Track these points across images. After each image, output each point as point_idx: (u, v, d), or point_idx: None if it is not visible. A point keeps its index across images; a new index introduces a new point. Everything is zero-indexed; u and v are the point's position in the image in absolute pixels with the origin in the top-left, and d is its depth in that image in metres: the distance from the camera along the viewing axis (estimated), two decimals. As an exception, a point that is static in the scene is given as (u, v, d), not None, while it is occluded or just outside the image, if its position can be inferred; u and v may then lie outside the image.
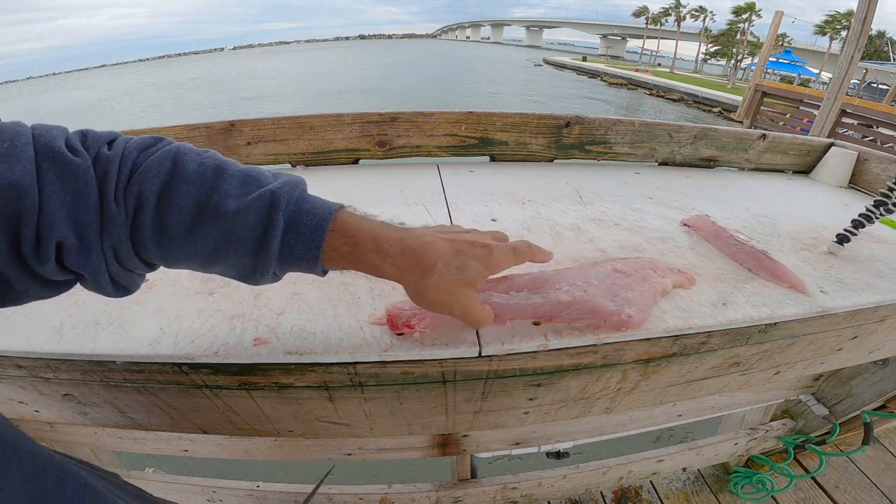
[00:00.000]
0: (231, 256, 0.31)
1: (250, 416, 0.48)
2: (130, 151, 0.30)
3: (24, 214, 0.25)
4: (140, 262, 0.32)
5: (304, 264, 0.33)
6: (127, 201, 0.29)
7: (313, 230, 0.32)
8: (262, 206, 0.31)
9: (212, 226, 0.30)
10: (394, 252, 0.34)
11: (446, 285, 0.35)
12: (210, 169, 0.31)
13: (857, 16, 1.59)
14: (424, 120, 0.91)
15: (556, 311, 0.44)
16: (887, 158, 0.96)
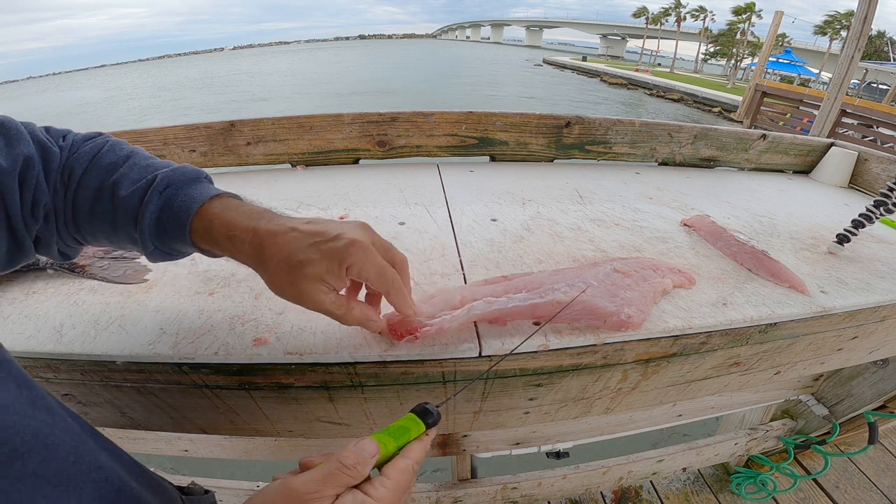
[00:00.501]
0: (122, 231, 0.36)
1: (250, 416, 0.48)
2: (77, 142, 0.38)
3: (29, 181, 0.33)
4: (69, 235, 0.37)
5: (178, 242, 0.36)
6: (63, 180, 0.36)
7: (183, 210, 0.35)
8: (144, 185, 0.36)
9: (108, 204, 0.35)
10: (243, 239, 0.34)
11: (286, 277, 0.33)
12: (122, 158, 0.37)
13: (857, 16, 1.58)
14: (424, 120, 0.91)
15: (556, 311, 0.44)
16: (887, 158, 0.96)
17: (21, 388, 0.25)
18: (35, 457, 0.22)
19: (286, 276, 0.33)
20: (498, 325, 0.44)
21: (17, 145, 0.32)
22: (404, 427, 0.32)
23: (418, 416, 0.33)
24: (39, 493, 0.22)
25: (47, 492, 0.22)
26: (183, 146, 0.83)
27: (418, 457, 0.31)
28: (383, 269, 0.35)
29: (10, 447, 0.21)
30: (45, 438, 0.24)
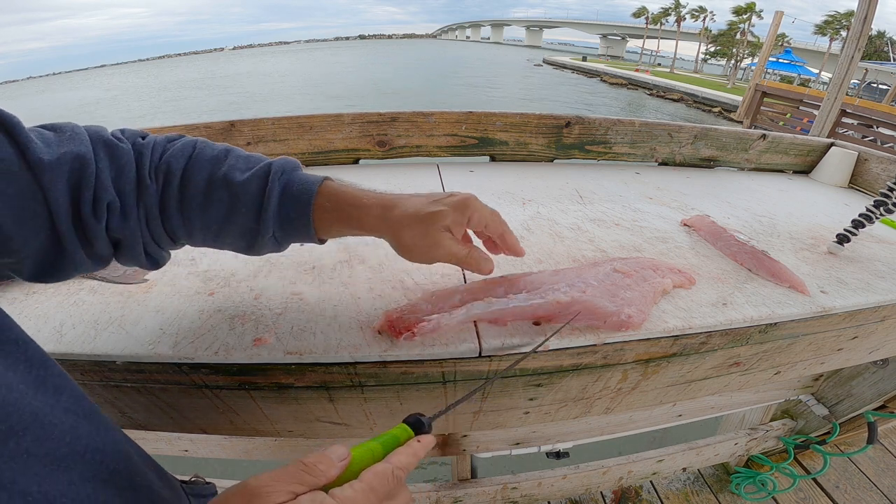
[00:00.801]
0: (239, 220, 0.37)
1: (250, 416, 0.48)
2: (160, 141, 0.38)
3: (86, 179, 0.32)
4: (165, 233, 0.38)
5: (299, 226, 0.38)
6: (158, 177, 0.36)
7: (303, 192, 0.37)
8: (261, 174, 0.37)
9: (223, 192, 0.37)
10: (370, 204, 0.38)
11: (421, 229, 0.38)
12: (222, 151, 0.39)
13: (857, 16, 1.58)
14: (424, 120, 0.91)
15: (556, 311, 0.44)
16: (887, 158, 0.96)
17: (32, 368, 0.26)
18: (30, 435, 0.23)
19: (421, 229, 0.38)
20: (498, 326, 0.44)
21: (69, 144, 0.32)
22: (394, 435, 0.32)
23: (410, 426, 0.32)
24: (31, 471, 0.22)
25: (38, 469, 0.23)
26: (183, 146, 0.83)
27: (403, 462, 0.29)
28: (496, 215, 0.42)
29: (8, 425, 0.22)
30: (43, 418, 0.24)
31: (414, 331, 0.40)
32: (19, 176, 0.29)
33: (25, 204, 0.29)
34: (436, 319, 0.41)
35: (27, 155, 0.29)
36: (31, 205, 0.30)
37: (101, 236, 0.34)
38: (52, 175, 0.30)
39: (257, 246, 0.39)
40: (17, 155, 0.29)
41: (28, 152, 0.29)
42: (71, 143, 0.32)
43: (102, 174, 0.33)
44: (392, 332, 0.41)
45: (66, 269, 0.35)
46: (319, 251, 0.58)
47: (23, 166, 0.29)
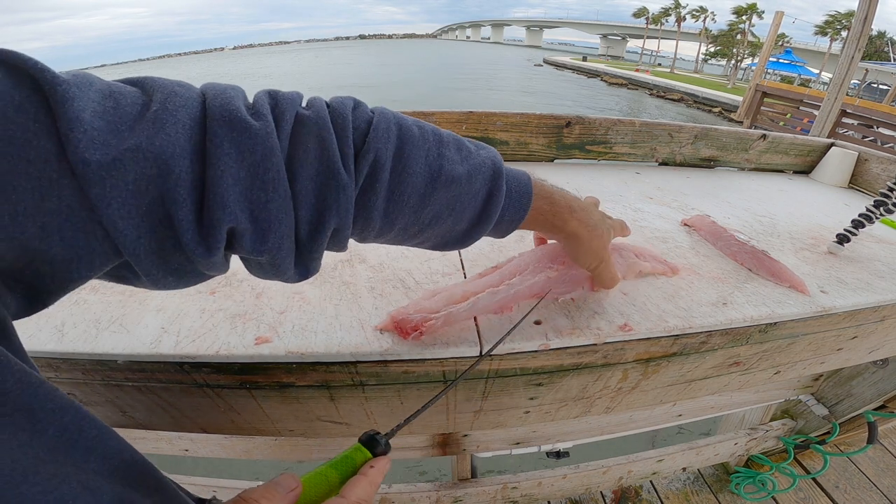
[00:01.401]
0: (449, 222, 0.32)
1: (251, 416, 0.48)
2: (344, 113, 0.26)
3: (169, 194, 0.20)
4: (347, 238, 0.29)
5: (503, 228, 0.36)
6: (359, 169, 0.26)
7: (522, 195, 0.34)
8: (487, 173, 0.32)
9: (444, 191, 0.29)
10: (578, 207, 0.39)
11: (602, 242, 0.42)
12: (429, 133, 0.30)
13: (857, 16, 1.59)
14: (424, 120, 0.91)
15: (549, 286, 0.47)
16: (887, 158, 0.96)
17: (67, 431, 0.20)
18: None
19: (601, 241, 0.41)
20: (505, 314, 0.46)
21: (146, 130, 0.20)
22: (349, 457, 0.30)
23: (365, 445, 0.31)
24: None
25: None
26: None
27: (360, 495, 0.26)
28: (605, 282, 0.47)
29: None
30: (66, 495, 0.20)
31: (422, 329, 0.41)
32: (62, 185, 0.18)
33: (79, 225, 0.19)
34: (443, 314, 0.42)
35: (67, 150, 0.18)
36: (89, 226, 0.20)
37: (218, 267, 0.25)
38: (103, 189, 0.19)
39: (454, 246, 0.35)
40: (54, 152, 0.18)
41: (69, 145, 0.18)
42: (151, 127, 0.20)
43: (221, 180, 0.21)
44: (400, 333, 0.41)
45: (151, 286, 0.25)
46: (320, 251, 0.58)
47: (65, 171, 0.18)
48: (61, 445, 0.19)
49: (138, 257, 0.21)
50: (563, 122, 0.96)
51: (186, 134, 0.21)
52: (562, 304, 0.49)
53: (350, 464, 0.29)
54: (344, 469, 0.29)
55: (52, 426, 0.19)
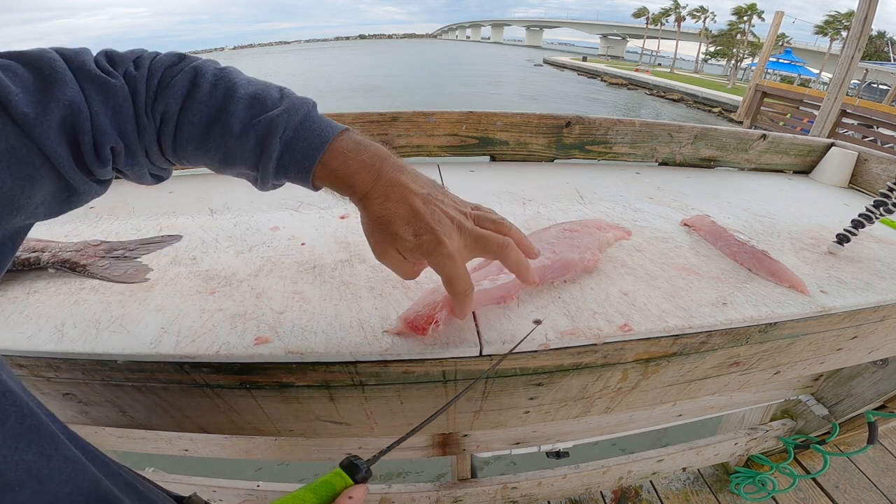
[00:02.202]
0: (237, 167, 0.37)
1: (251, 416, 0.48)
2: (156, 69, 0.34)
3: (81, 126, 0.30)
4: (165, 161, 0.37)
5: (296, 181, 0.37)
6: (154, 116, 0.34)
7: (305, 158, 0.35)
8: (260, 131, 0.35)
9: (219, 141, 0.35)
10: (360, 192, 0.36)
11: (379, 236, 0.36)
12: (222, 91, 0.35)
13: (857, 16, 1.59)
14: (425, 120, 0.91)
15: (541, 274, 0.50)
16: (887, 158, 0.96)
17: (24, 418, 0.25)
18: (26, 490, 0.23)
19: (378, 234, 0.36)
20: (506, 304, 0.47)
21: (52, 89, 0.28)
22: (328, 482, 0.30)
23: (345, 470, 0.31)
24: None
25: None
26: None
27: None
28: (454, 279, 0.37)
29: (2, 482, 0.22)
30: (39, 472, 0.24)
31: (437, 319, 0.41)
32: (5, 132, 0.26)
33: (22, 159, 0.27)
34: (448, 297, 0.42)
35: (9, 109, 0.26)
36: (28, 159, 0.28)
37: (109, 174, 0.34)
38: (43, 129, 0.28)
39: (259, 188, 0.39)
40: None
41: (10, 106, 0.26)
42: (55, 87, 0.29)
43: (98, 118, 0.31)
44: (416, 331, 0.41)
45: (79, 203, 0.34)
46: (321, 251, 0.58)
47: (7, 121, 0.26)
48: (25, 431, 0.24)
49: (69, 171, 0.30)
50: (563, 122, 0.96)
51: (76, 87, 0.30)
52: (562, 304, 0.49)
53: (329, 489, 0.29)
54: (322, 494, 0.29)
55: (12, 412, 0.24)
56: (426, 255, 0.35)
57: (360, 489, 0.30)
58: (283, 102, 0.36)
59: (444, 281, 0.37)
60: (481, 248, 0.38)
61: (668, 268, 0.58)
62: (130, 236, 0.61)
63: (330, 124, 0.36)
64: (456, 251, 0.36)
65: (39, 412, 0.26)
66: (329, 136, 0.35)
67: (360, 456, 0.32)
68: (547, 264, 0.51)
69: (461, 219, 0.37)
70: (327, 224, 0.66)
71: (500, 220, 0.40)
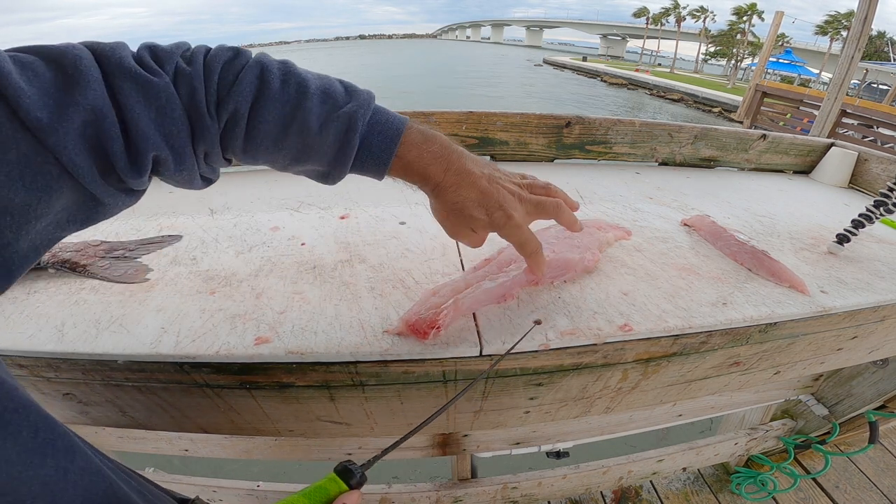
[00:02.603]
0: (309, 164, 0.36)
1: (251, 416, 0.48)
2: (213, 66, 0.32)
3: (106, 133, 0.27)
4: (225, 161, 0.36)
5: (371, 173, 0.38)
6: (221, 115, 0.32)
7: (383, 149, 0.36)
8: (340, 127, 0.35)
9: (296, 139, 0.34)
10: (433, 181, 0.38)
11: (453, 218, 0.40)
12: (293, 86, 0.34)
13: (857, 16, 1.59)
14: (425, 120, 0.91)
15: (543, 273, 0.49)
16: (887, 158, 0.96)
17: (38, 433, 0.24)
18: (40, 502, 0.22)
19: (453, 218, 0.40)
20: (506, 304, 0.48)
21: (74, 91, 0.25)
22: (322, 488, 0.30)
23: (339, 475, 0.31)
24: None
25: None
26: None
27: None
28: (525, 242, 0.41)
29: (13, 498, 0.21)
30: (54, 486, 0.23)
31: (439, 324, 0.41)
32: (18, 139, 0.23)
33: (36, 169, 0.24)
34: (451, 302, 0.42)
35: (20, 113, 0.23)
36: (44, 168, 0.25)
37: (144, 184, 0.31)
38: (59, 137, 0.25)
39: (324, 181, 0.39)
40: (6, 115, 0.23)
41: (21, 110, 0.23)
42: (77, 89, 0.26)
43: (140, 121, 0.28)
44: (419, 336, 0.41)
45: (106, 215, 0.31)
46: (321, 251, 0.58)
47: (18, 127, 0.23)
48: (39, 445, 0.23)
49: (91, 183, 0.27)
50: (563, 122, 0.96)
51: (102, 88, 0.27)
52: (562, 304, 0.49)
53: (323, 494, 0.29)
54: (317, 499, 0.29)
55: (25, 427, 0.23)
56: (498, 229, 0.40)
57: (353, 495, 0.30)
58: (353, 97, 0.36)
59: (517, 246, 0.42)
60: (540, 211, 0.42)
61: (668, 268, 0.58)
62: (130, 236, 0.61)
63: (396, 117, 0.37)
64: (522, 220, 0.40)
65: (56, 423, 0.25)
66: (401, 129, 0.37)
67: (354, 462, 0.32)
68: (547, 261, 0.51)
69: (519, 191, 0.41)
70: (327, 224, 0.66)
71: (546, 184, 0.44)
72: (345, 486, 0.30)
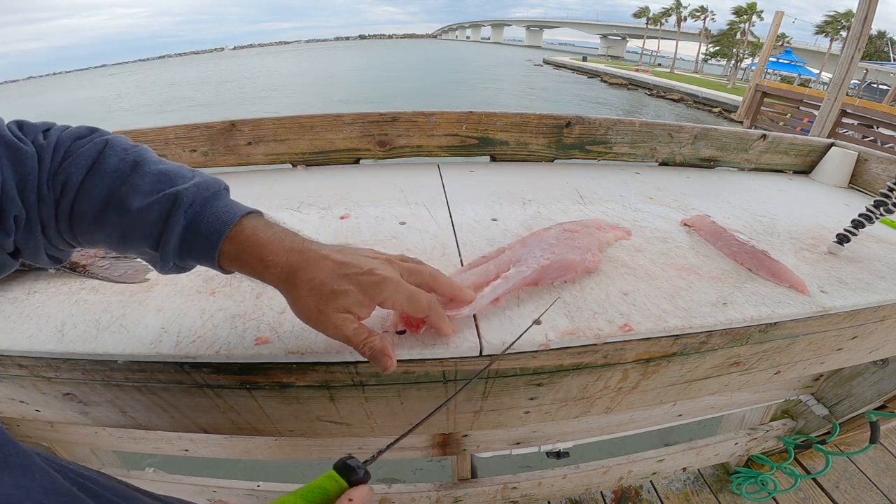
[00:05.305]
0: (136, 245, 0.34)
1: (251, 416, 0.48)
2: (64, 140, 0.34)
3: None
4: (63, 241, 0.35)
5: (203, 262, 0.35)
6: (55, 187, 0.32)
7: (211, 233, 0.34)
8: (163, 206, 0.33)
9: (117, 217, 0.33)
10: (275, 264, 0.34)
11: (315, 304, 0.34)
12: (129, 164, 0.34)
13: (857, 16, 1.59)
14: (425, 120, 0.91)
15: (542, 275, 0.51)
16: (887, 158, 0.96)
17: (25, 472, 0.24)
18: None
19: (315, 303, 0.34)
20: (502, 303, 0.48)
21: None
22: (320, 486, 0.28)
23: (339, 472, 0.29)
24: None
25: None
26: (184, 146, 0.83)
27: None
28: (415, 298, 0.36)
29: None
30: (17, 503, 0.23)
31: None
32: None
33: None
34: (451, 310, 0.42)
35: None
36: None
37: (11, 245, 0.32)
38: None
39: (158, 269, 0.36)
40: None
41: None
42: None
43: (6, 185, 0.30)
44: (409, 327, 0.42)
45: None
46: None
47: None
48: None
49: None
50: (563, 122, 0.96)
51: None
52: (562, 304, 0.49)
53: (322, 494, 0.27)
54: (315, 499, 0.27)
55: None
56: (373, 296, 0.34)
57: (361, 490, 0.29)
58: (194, 179, 0.35)
59: (408, 309, 0.36)
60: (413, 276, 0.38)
61: (668, 268, 0.58)
62: (130, 236, 0.61)
63: (240, 205, 0.35)
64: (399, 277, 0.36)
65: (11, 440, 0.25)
66: (238, 212, 0.34)
67: (355, 457, 0.31)
68: (546, 264, 0.51)
69: (383, 255, 0.38)
70: (327, 224, 0.66)
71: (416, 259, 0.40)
72: (345, 484, 0.29)
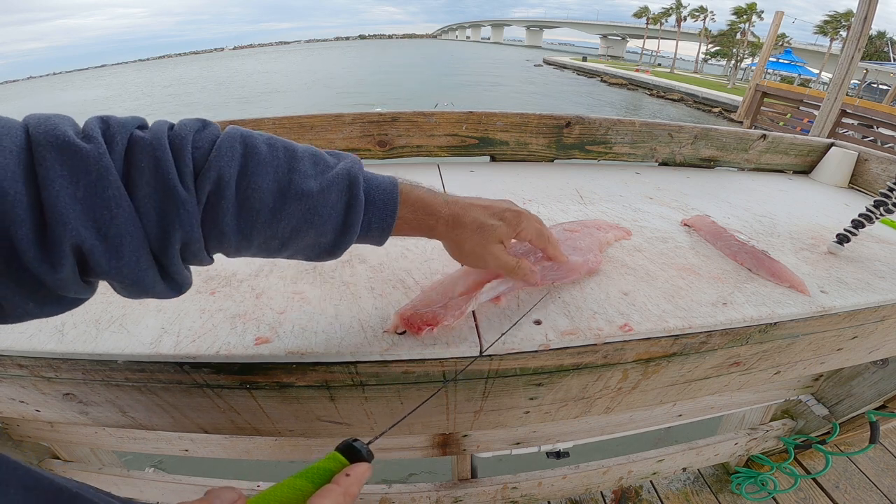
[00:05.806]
0: (311, 235, 0.32)
1: (251, 416, 0.48)
2: (183, 134, 0.27)
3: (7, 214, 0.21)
4: (206, 255, 0.30)
5: (376, 236, 0.36)
6: (200, 188, 0.27)
7: (387, 203, 0.35)
8: (342, 184, 0.32)
9: (296, 205, 0.30)
10: (443, 214, 0.38)
11: (480, 239, 0.40)
12: (280, 150, 0.31)
13: (857, 16, 1.59)
14: (425, 120, 0.91)
15: (544, 275, 0.51)
16: (887, 158, 0.96)
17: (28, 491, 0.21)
18: None
19: (479, 238, 0.40)
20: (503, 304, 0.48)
21: None
22: (323, 468, 0.28)
23: (343, 453, 0.29)
24: None
25: None
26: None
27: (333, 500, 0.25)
28: (542, 230, 0.45)
29: None
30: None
31: (433, 325, 0.41)
32: None
33: None
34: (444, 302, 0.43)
35: None
36: None
37: (70, 283, 0.25)
38: None
39: (325, 258, 0.35)
40: None
41: None
42: None
43: (57, 200, 0.22)
44: (411, 329, 0.42)
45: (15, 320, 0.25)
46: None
47: None
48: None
49: None
50: (563, 122, 0.96)
51: (15, 159, 0.21)
52: (562, 304, 0.49)
53: (325, 475, 0.27)
54: (317, 479, 0.27)
55: None
56: (515, 226, 0.42)
57: (360, 466, 0.29)
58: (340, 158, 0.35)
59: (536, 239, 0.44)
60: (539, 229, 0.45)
61: (668, 268, 0.58)
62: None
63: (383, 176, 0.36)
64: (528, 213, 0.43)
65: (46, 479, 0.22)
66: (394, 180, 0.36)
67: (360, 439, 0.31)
68: (546, 265, 0.51)
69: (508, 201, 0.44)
70: (327, 224, 0.66)
71: None
72: (347, 463, 0.29)
